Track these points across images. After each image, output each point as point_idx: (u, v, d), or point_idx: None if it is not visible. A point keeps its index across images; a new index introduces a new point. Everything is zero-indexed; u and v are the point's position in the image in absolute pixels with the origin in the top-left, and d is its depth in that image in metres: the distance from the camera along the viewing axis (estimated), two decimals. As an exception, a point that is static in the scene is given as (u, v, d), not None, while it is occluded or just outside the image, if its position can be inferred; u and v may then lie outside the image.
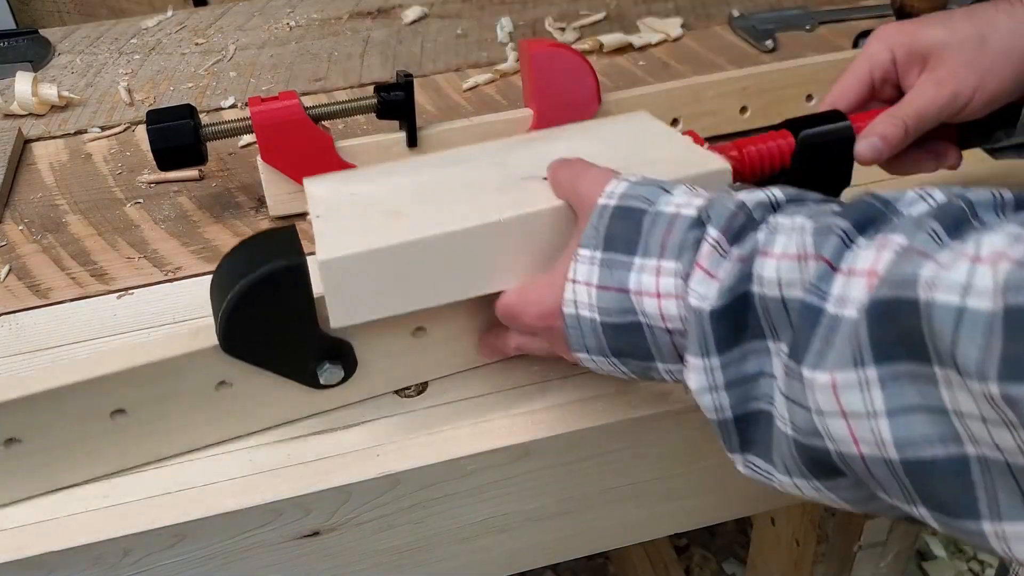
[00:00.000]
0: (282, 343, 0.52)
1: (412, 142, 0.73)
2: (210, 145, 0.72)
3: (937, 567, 1.40)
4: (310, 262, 0.50)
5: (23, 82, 0.90)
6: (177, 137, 0.68)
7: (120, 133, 0.88)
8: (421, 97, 0.89)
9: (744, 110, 0.81)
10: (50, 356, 0.61)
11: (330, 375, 0.54)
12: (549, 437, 0.54)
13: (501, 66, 0.95)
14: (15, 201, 0.78)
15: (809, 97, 0.82)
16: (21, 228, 0.75)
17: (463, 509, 0.56)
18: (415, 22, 1.05)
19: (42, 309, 0.65)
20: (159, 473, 0.53)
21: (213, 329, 0.51)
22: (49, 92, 0.90)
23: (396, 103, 0.72)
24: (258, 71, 0.97)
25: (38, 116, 0.90)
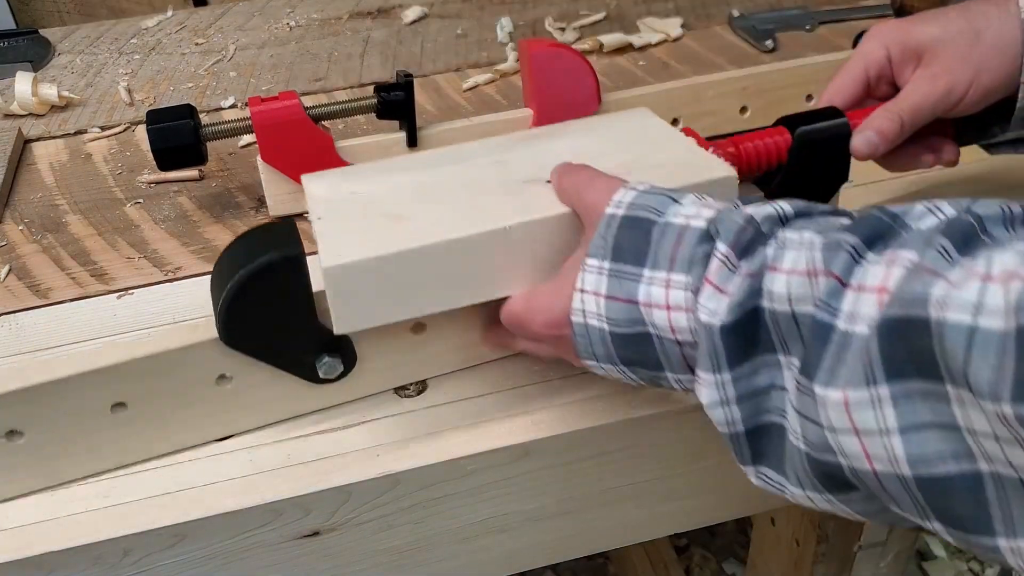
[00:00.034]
0: (281, 335, 0.52)
1: (412, 142, 0.73)
2: (210, 145, 0.72)
3: (937, 567, 1.40)
4: (312, 263, 0.51)
5: (23, 82, 0.90)
6: (177, 137, 0.68)
7: (120, 133, 0.88)
8: (421, 97, 0.89)
9: (744, 110, 0.81)
10: (50, 356, 0.61)
11: (329, 368, 0.54)
12: (549, 437, 0.54)
13: (501, 66, 0.95)
14: (15, 201, 0.78)
15: (809, 97, 0.82)
16: (21, 228, 0.75)
17: (463, 509, 0.56)
18: (415, 22, 1.05)
19: (42, 309, 0.65)
20: (159, 473, 0.53)
21: (213, 323, 0.51)
22: (49, 92, 0.90)
23: (396, 103, 0.72)
24: (258, 71, 0.97)
25: (38, 116, 0.90)
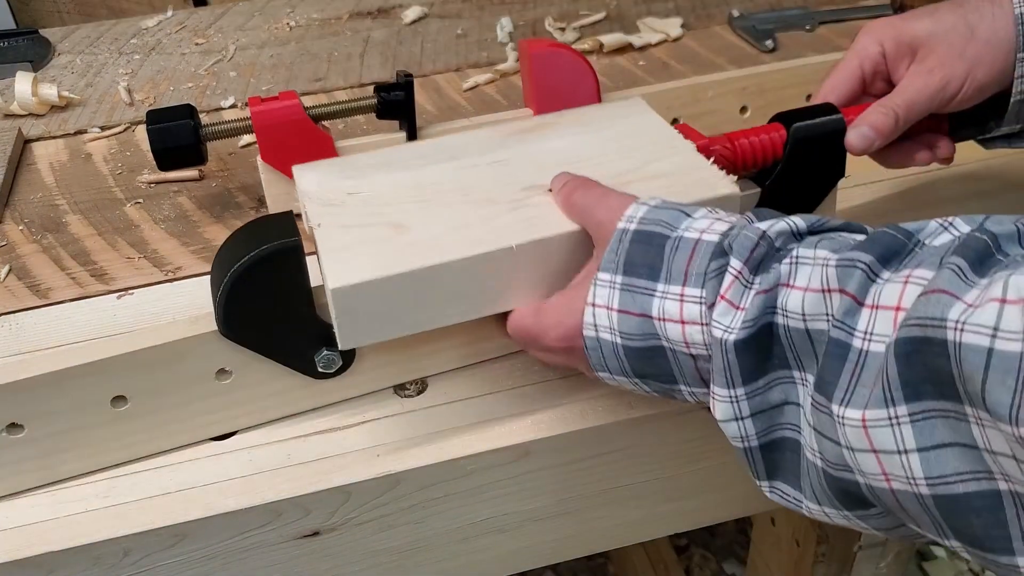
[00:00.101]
0: (280, 327, 0.52)
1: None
2: (210, 145, 0.72)
3: (937, 567, 1.39)
4: (311, 262, 0.51)
5: (23, 82, 0.90)
6: (177, 137, 0.68)
7: (120, 133, 0.88)
8: (421, 97, 0.89)
9: (744, 110, 0.81)
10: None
11: (328, 362, 0.54)
12: (549, 437, 0.54)
13: (501, 66, 0.95)
14: (15, 201, 0.78)
15: (809, 97, 0.81)
16: (21, 228, 0.75)
17: (463, 509, 0.56)
18: (415, 22, 1.05)
19: (42, 309, 0.65)
20: (159, 473, 0.53)
21: (213, 316, 0.51)
22: (49, 92, 0.90)
23: (396, 103, 0.72)
24: (258, 71, 0.97)
25: (38, 116, 0.90)
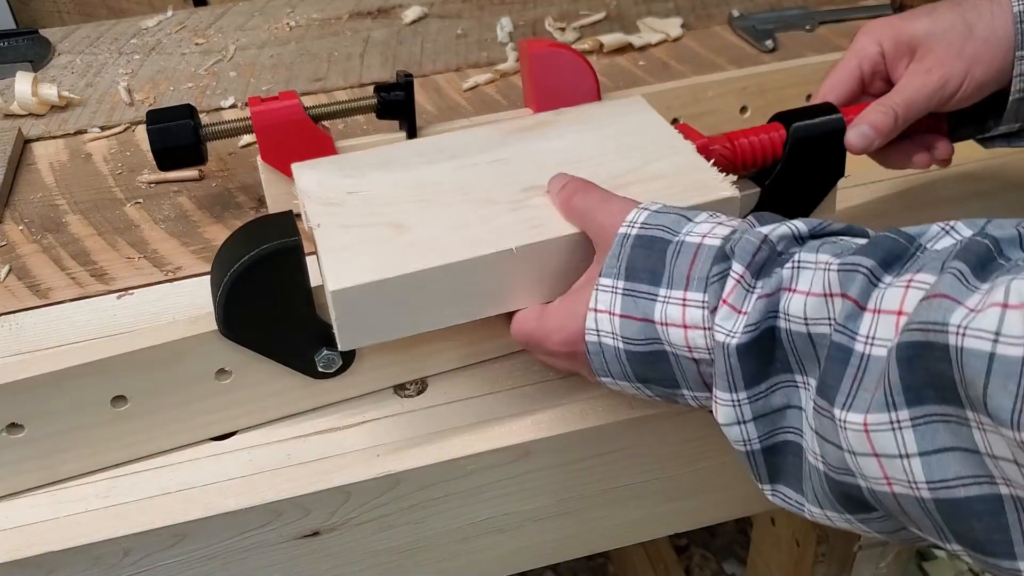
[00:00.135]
0: (279, 327, 0.52)
1: (412, 142, 0.73)
2: (210, 145, 0.72)
3: (937, 567, 1.39)
4: (311, 262, 0.51)
5: (23, 82, 0.90)
6: (177, 137, 0.68)
7: (120, 133, 0.88)
8: (421, 97, 0.89)
9: (744, 110, 0.81)
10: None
11: (328, 362, 0.54)
12: (549, 437, 0.54)
13: (501, 66, 0.95)
14: (15, 201, 0.78)
15: (809, 97, 0.81)
16: (21, 228, 0.75)
17: (463, 509, 0.56)
18: (415, 22, 1.05)
19: (42, 309, 0.65)
20: (159, 473, 0.53)
21: (213, 316, 0.51)
22: (49, 92, 0.90)
23: (396, 103, 0.72)
24: (258, 71, 0.97)
25: (38, 116, 0.90)
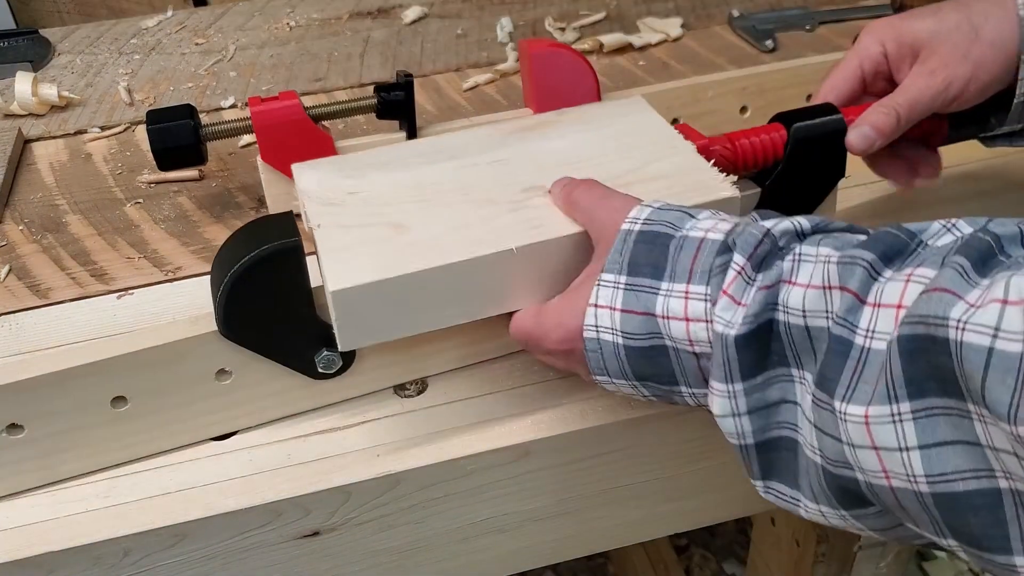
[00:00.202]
0: (279, 327, 0.52)
1: (412, 142, 0.73)
2: (210, 145, 0.72)
3: (937, 567, 1.39)
4: (311, 262, 0.51)
5: (23, 82, 0.90)
6: (177, 137, 0.68)
7: (120, 133, 0.88)
8: (421, 97, 0.89)
9: (744, 110, 0.81)
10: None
11: (328, 362, 0.54)
12: (549, 437, 0.54)
13: (501, 66, 0.95)
14: (15, 201, 0.78)
15: (809, 97, 0.81)
16: (21, 228, 0.75)
17: (463, 509, 0.56)
18: (415, 22, 1.05)
19: (42, 309, 0.65)
20: (159, 473, 0.53)
21: (213, 316, 0.51)
22: (49, 92, 0.90)
23: (396, 103, 0.72)
24: (258, 71, 0.97)
25: (38, 116, 0.90)
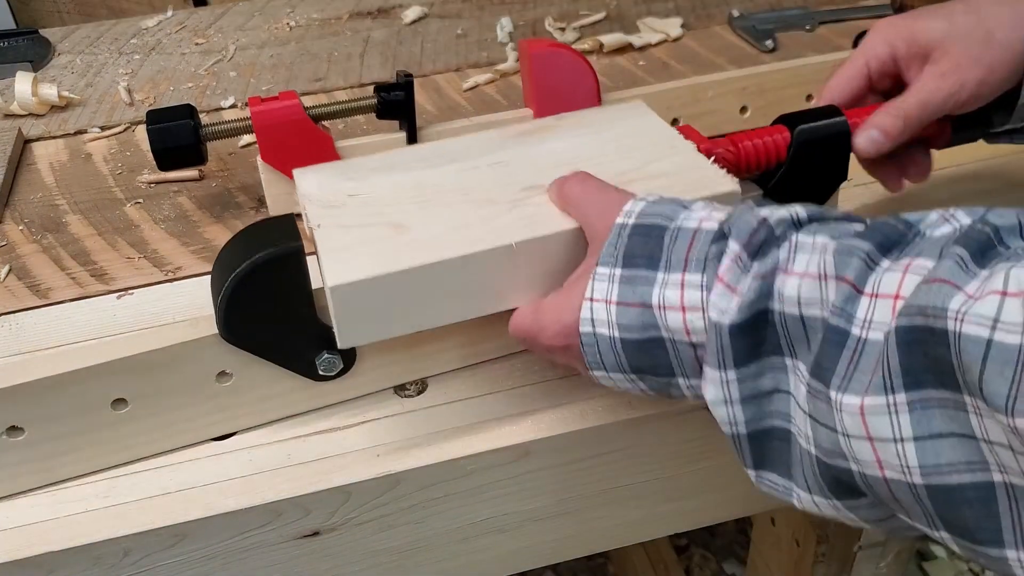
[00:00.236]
0: (280, 331, 0.52)
1: (412, 142, 0.73)
2: (210, 145, 0.72)
3: (937, 567, 1.39)
4: (311, 263, 0.51)
5: (23, 82, 0.90)
6: (177, 137, 0.68)
7: (120, 133, 0.88)
8: (421, 97, 0.89)
9: (744, 110, 0.81)
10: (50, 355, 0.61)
11: (329, 365, 0.54)
12: (549, 437, 0.54)
13: (501, 66, 0.95)
14: (15, 201, 0.78)
15: (809, 97, 0.82)
16: (21, 228, 0.75)
17: (463, 509, 0.56)
18: (415, 22, 1.05)
19: (42, 309, 0.65)
20: (159, 473, 0.53)
21: (213, 319, 0.51)
22: (49, 92, 0.90)
23: (396, 103, 0.72)
24: (258, 71, 0.97)
25: (38, 116, 0.90)
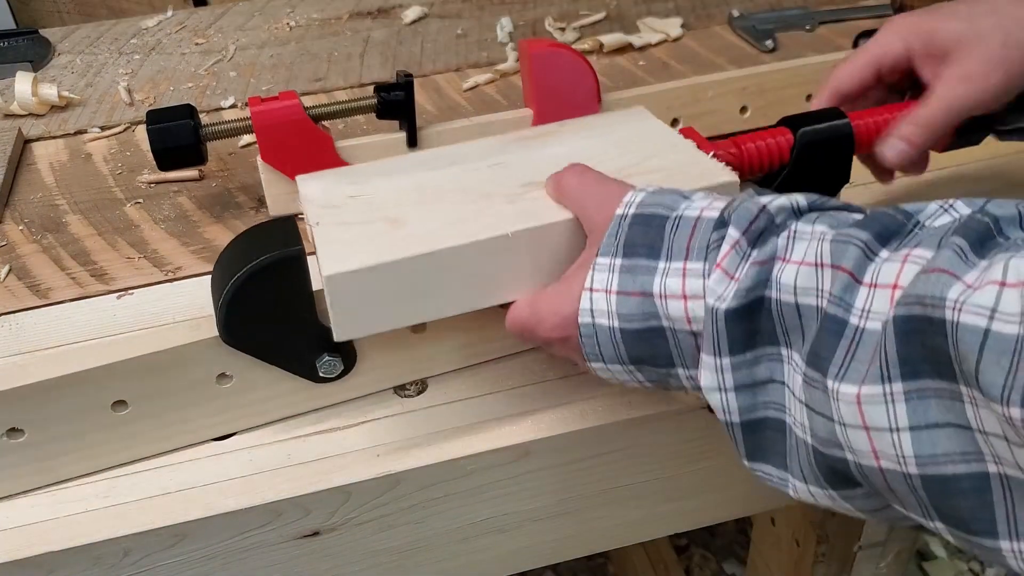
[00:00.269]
0: (281, 334, 0.52)
1: (412, 142, 0.73)
2: (210, 145, 0.72)
3: (937, 567, 1.39)
4: (311, 263, 0.51)
5: (23, 82, 0.90)
6: (177, 137, 0.68)
7: (120, 133, 0.88)
8: (421, 97, 0.89)
9: (744, 110, 0.81)
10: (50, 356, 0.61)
11: (329, 367, 0.54)
12: (549, 437, 0.54)
13: (501, 66, 0.95)
14: (15, 201, 0.78)
15: (809, 97, 0.81)
16: (21, 228, 0.75)
17: (463, 509, 0.56)
18: (415, 22, 1.05)
19: (42, 309, 0.65)
20: (159, 473, 0.53)
21: (213, 321, 0.51)
22: (49, 92, 0.90)
23: (396, 103, 0.72)
24: (258, 71, 0.97)
25: (38, 116, 0.90)
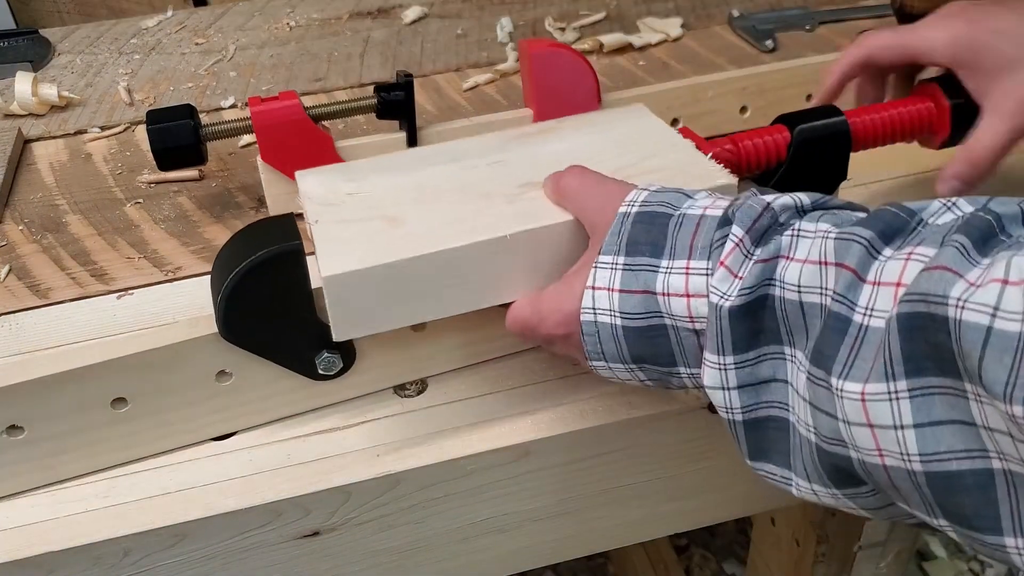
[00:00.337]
0: (280, 330, 0.52)
1: (412, 142, 0.73)
2: (210, 145, 0.72)
3: (937, 567, 1.39)
4: (310, 263, 0.51)
5: (23, 82, 0.90)
6: (177, 137, 0.68)
7: (120, 133, 0.88)
8: (421, 97, 0.89)
9: (744, 110, 0.81)
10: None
11: (328, 364, 0.54)
12: (549, 437, 0.54)
13: (501, 66, 0.95)
14: (15, 201, 0.78)
15: (809, 97, 0.82)
16: (21, 228, 0.75)
17: (463, 509, 0.56)
18: (415, 22, 1.05)
19: (42, 309, 0.65)
20: (159, 473, 0.53)
21: (213, 318, 0.51)
22: (49, 92, 0.90)
23: (396, 103, 0.72)
24: (258, 71, 0.97)
25: (38, 116, 0.90)
